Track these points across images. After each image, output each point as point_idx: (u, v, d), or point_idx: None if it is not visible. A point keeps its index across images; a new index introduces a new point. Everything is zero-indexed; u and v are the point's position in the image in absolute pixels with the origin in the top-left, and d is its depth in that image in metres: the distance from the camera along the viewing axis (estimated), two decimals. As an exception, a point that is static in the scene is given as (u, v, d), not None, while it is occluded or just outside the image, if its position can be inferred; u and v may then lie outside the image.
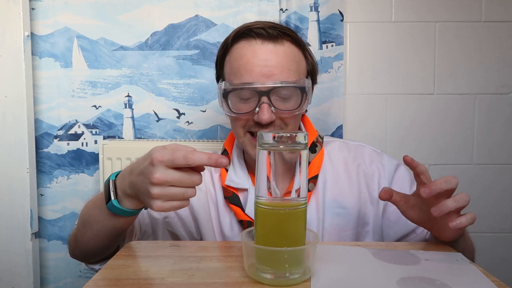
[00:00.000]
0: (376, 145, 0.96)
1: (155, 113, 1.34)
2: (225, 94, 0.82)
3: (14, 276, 1.28)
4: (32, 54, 1.30)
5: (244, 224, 0.83)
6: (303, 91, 0.80)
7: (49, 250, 1.36)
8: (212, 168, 0.91)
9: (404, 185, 0.86)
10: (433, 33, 1.33)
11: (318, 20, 1.28)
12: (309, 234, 0.58)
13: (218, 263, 0.62)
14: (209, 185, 0.90)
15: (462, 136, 1.35)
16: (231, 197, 0.85)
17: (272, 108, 0.78)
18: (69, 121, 1.34)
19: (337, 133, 1.30)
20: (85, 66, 1.33)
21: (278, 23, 0.85)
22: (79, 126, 1.34)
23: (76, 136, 1.34)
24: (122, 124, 1.34)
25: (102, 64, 1.33)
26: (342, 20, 1.28)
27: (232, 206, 0.85)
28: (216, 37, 1.31)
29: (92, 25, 1.32)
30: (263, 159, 0.54)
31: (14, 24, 1.24)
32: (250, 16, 1.30)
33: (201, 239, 0.89)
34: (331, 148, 0.91)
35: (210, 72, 1.32)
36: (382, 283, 0.54)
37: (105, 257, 0.78)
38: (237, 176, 0.87)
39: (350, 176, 0.87)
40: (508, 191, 1.37)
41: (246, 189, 0.86)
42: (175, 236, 0.89)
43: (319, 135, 0.91)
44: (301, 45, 0.85)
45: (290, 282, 0.54)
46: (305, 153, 0.55)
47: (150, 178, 0.57)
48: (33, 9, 1.30)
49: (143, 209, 0.69)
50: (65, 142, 1.34)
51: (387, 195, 0.69)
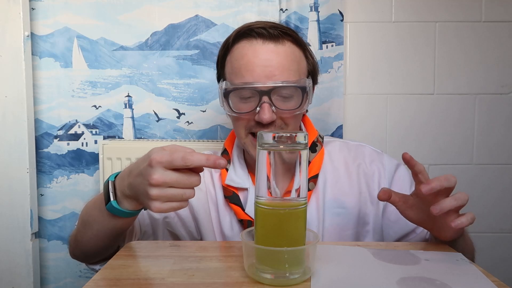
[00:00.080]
0: (376, 145, 0.96)
1: (155, 113, 1.34)
2: (226, 94, 0.82)
3: (14, 276, 1.28)
4: (32, 54, 1.30)
5: (244, 224, 0.83)
6: (304, 91, 0.80)
7: (49, 250, 1.36)
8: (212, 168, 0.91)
9: (404, 185, 0.86)
10: (433, 33, 1.33)
11: (318, 20, 1.28)
12: (309, 234, 0.58)
13: (218, 263, 0.62)
14: (209, 185, 0.90)
15: (462, 136, 1.35)
16: (231, 197, 0.85)
17: (273, 108, 0.78)
18: (69, 121, 1.34)
19: (337, 133, 1.30)
20: (85, 66, 1.33)
21: (279, 23, 0.85)
22: (79, 126, 1.34)
23: (76, 136, 1.34)
24: (122, 124, 1.34)
25: (102, 64, 1.33)
26: (342, 20, 1.28)
27: (232, 206, 0.85)
28: (216, 37, 1.31)
29: (92, 25, 1.32)
30: (263, 159, 0.54)
31: (14, 24, 1.24)
32: (250, 16, 1.30)
33: (201, 239, 0.89)
34: (332, 148, 0.91)
35: (210, 72, 1.32)
36: (382, 283, 0.54)
37: (105, 258, 0.78)
38: (237, 176, 0.87)
39: (351, 176, 0.87)
40: (508, 191, 1.37)
41: (246, 189, 0.86)
42: (175, 236, 0.89)
43: (319, 135, 0.91)
44: (302, 45, 0.85)
45: (290, 282, 0.54)
46: (305, 153, 0.55)
47: (149, 180, 0.57)
48: (33, 9, 1.30)
49: (143, 210, 0.69)
50: (65, 142, 1.34)
51: (386, 196, 0.69)
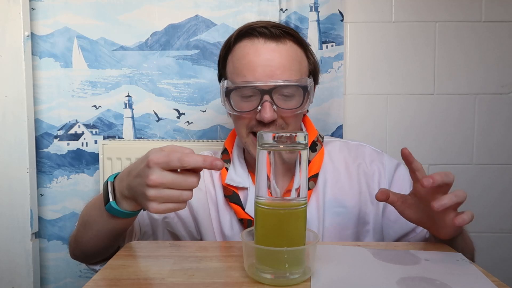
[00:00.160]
0: (376, 145, 0.96)
1: (155, 113, 1.34)
2: (228, 93, 0.82)
3: (14, 276, 1.28)
4: (32, 54, 1.30)
5: (244, 223, 0.83)
6: (305, 90, 0.81)
7: (49, 250, 1.36)
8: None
9: (404, 185, 0.86)
10: (433, 33, 1.33)
11: (318, 20, 1.28)
12: (309, 234, 0.58)
13: (218, 263, 0.62)
14: (209, 185, 0.90)
15: (462, 136, 1.35)
16: (231, 196, 0.85)
17: (274, 107, 0.78)
18: (69, 121, 1.34)
19: (337, 133, 1.30)
20: (85, 66, 1.33)
21: (281, 23, 0.85)
22: (79, 126, 1.34)
23: (76, 136, 1.34)
24: (122, 124, 1.34)
25: (102, 64, 1.33)
26: (342, 20, 1.28)
27: (232, 205, 0.85)
28: (216, 37, 1.31)
29: (92, 25, 1.32)
30: (263, 159, 0.54)
31: (14, 24, 1.24)
32: (250, 16, 1.30)
33: (201, 239, 0.89)
34: (332, 148, 0.91)
35: (210, 72, 1.32)
36: (382, 283, 0.54)
37: (106, 258, 0.78)
38: (237, 175, 0.87)
39: (351, 176, 0.87)
40: (508, 191, 1.37)
41: (246, 188, 0.86)
42: (175, 236, 0.89)
43: (319, 135, 0.91)
44: (303, 45, 0.85)
45: (290, 282, 0.54)
46: (305, 153, 0.55)
47: (146, 180, 0.58)
48: (33, 9, 1.30)
49: (142, 210, 0.69)
50: (65, 142, 1.34)
51: (384, 196, 0.69)
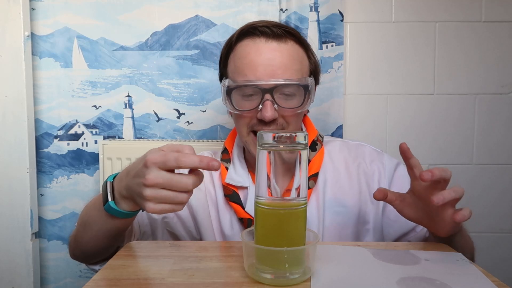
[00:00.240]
0: (376, 145, 0.96)
1: (155, 113, 1.34)
2: (229, 92, 0.82)
3: (14, 276, 1.28)
4: (32, 54, 1.30)
5: (244, 222, 0.83)
6: (306, 89, 0.81)
7: (49, 250, 1.36)
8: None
9: (404, 184, 0.85)
10: (433, 33, 1.33)
11: (318, 20, 1.28)
12: (309, 234, 0.58)
13: (218, 263, 0.62)
14: (209, 184, 0.90)
15: (462, 136, 1.35)
16: (231, 195, 0.85)
17: (275, 106, 0.79)
18: (69, 121, 1.34)
19: (337, 133, 1.30)
20: (85, 66, 1.33)
21: (282, 23, 0.85)
22: (79, 126, 1.34)
23: (76, 136, 1.34)
24: (122, 124, 1.34)
25: (102, 64, 1.33)
26: (342, 20, 1.28)
27: (232, 204, 0.85)
28: (216, 37, 1.31)
29: (92, 25, 1.32)
30: (263, 159, 0.54)
31: (14, 24, 1.24)
32: (250, 16, 1.30)
33: (201, 239, 0.89)
34: (332, 148, 0.91)
35: (210, 72, 1.32)
36: (382, 283, 0.54)
37: (105, 258, 0.78)
38: (237, 174, 0.87)
39: (351, 175, 0.87)
40: (508, 191, 1.37)
41: (246, 187, 0.86)
42: (175, 236, 0.89)
43: (319, 134, 0.91)
44: (305, 45, 0.85)
45: (290, 282, 0.54)
46: (305, 153, 0.55)
47: (143, 180, 0.58)
48: (33, 9, 1.30)
49: (141, 211, 0.69)
50: (65, 142, 1.34)
51: (381, 195, 0.69)
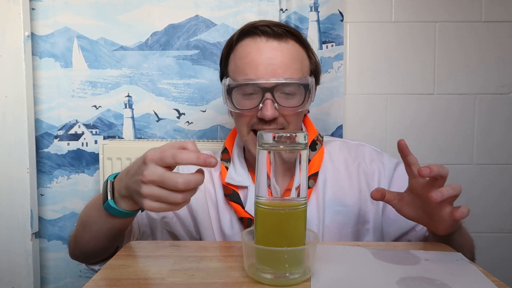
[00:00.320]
0: (376, 145, 0.96)
1: (155, 113, 1.34)
2: (229, 90, 0.82)
3: (14, 276, 1.28)
4: (32, 54, 1.30)
5: (244, 222, 0.83)
6: (307, 89, 0.81)
7: (49, 250, 1.36)
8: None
9: (404, 183, 0.85)
10: (433, 33, 1.33)
11: (318, 20, 1.28)
12: (309, 234, 0.58)
13: (218, 263, 0.62)
14: (208, 184, 0.90)
15: (462, 136, 1.35)
16: (231, 195, 0.85)
17: (276, 105, 0.79)
18: (69, 121, 1.34)
19: (337, 133, 1.30)
20: (85, 66, 1.33)
21: (283, 23, 0.85)
22: (79, 126, 1.34)
23: (76, 136, 1.34)
24: (122, 124, 1.34)
25: (102, 64, 1.33)
26: (342, 20, 1.28)
27: (232, 204, 0.85)
28: (216, 37, 1.31)
29: (92, 25, 1.32)
30: (263, 159, 0.54)
31: (14, 24, 1.24)
32: (250, 16, 1.30)
33: (200, 239, 0.89)
34: (332, 148, 0.91)
35: (210, 72, 1.32)
36: (382, 283, 0.54)
37: (105, 258, 0.78)
38: (237, 174, 0.87)
39: (351, 175, 0.87)
40: (508, 191, 1.36)
41: (246, 187, 0.86)
42: (174, 236, 0.89)
43: (319, 134, 0.91)
44: (305, 45, 0.86)
45: (290, 282, 0.54)
46: (305, 153, 0.55)
47: (141, 177, 0.58)
48: (33, 9, 1.30)
49: (140, 211, 0.69)
50: (65, 142, 1.34)
51: (378, 194, 0.69)
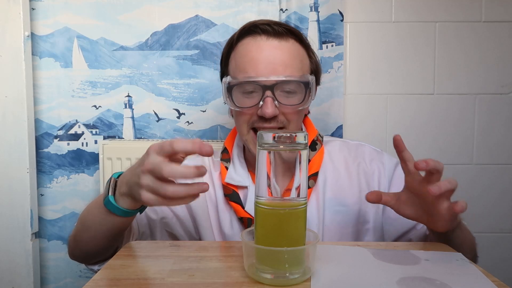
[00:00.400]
0: (376, 145, 0.96)
1: (155, 113, 1.34)
2: (230, 89, 0.82)
3: (14, 276, 1.28)
4: (32, 54, 1.30)
5: (244, 221, 0.83)
6: (307, 87, 0.81)
7: (49, 250, 1.36)
8: (212, 167, 0.91)
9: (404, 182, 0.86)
10: (433, 33, 1.33)
11: (318, 20, 1.28)
12: (309, 234, 0.58)
13: (218, 263, 0.62)
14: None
15: (462, 136, 1.35)
16: (231, 195, 0.85)
17: (276, 103, 0.79)
18: (69, 121, 1.34)
19: (337, 133, 1.30)
20: (85, 66, 1.33)
21: (284, 23, 0.85)
22: (79, 126, 1.34)
23: (76, 136, 1.34)
24: (122, 124, 1.34)
25: (102, 64, 1.33)
26: (342, 20, 1.28)
27: (232, 204, 0.85)
28: (216, 37, 1.31)
29: (92, 25, 1.32)
30: (263, 159, 0.54)
31: (14, 24, 1.24)
32: (250, 16, 1.30)
33: (200, 239, 0.89)
34: (332, 148, 0.91)
35: (210, 72, 1.32)
36: (382, 283, 0.54)
37: (105, 258, 0.78)
38: (237, 174, 0.87)
39: (351, 175, 0.87)
40: (508, 191, 1.36)
41: (246, 187, 0.86)
42: (174, 236, 0.89)
43: (319, 134, 0.91)
44: (306, 44, 0.86)
45: (290, 282, 0.54)
46: (305, 153, 0.55)
47: (142, 167, 0.59)
48: (33, 9, 1.30)
49: (139, 213, 0.69)
50: (65, 142, 1.34)
51: (373, 197, 0.69)
